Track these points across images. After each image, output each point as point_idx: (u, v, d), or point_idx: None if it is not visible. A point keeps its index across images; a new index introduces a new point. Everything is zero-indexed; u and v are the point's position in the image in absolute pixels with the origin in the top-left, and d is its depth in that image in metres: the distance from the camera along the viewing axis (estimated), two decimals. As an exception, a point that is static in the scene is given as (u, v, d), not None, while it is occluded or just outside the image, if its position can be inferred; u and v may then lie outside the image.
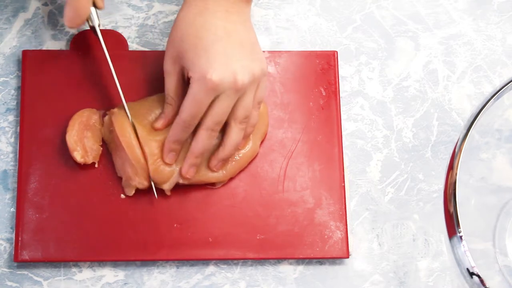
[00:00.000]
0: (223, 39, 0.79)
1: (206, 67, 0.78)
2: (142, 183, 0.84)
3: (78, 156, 0.84)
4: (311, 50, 0.92)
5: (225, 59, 0.78)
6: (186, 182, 0.85)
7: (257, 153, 0.87)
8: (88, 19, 0.85)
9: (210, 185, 0.86)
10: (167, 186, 0.85)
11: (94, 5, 0.85)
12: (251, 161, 0.87)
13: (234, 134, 0.83)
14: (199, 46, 0.79)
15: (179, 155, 0.84)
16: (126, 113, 0.84)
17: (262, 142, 0.88)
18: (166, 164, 0.84)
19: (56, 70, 0.89)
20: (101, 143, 0.86)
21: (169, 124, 0.84)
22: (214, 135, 0.82)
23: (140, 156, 0.83)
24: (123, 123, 0.83)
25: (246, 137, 0.85)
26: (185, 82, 0.83)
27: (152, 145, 0.83)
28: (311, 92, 0.90)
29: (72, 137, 0.85)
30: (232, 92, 0.79)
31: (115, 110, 0.85)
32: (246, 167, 0.87)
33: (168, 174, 0.84)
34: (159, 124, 0.84)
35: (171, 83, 0.83)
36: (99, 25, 0.85)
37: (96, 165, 0.86)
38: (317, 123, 0.89)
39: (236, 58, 0.79)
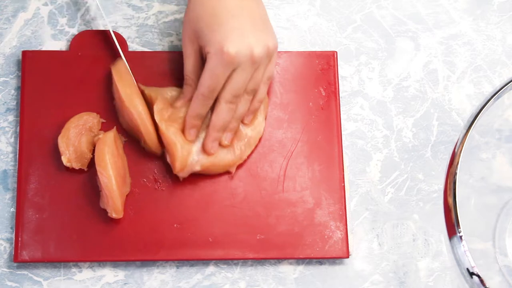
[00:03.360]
0: (238, 15, 0.81)
1: (223, 40, 0.80)
2: (111, 213, 0.83)
3: (64, 160, 0.84)
4: (310, 51, 0.92)
5: (240, 33, 0.81)
6: (201, 170, 0.85)
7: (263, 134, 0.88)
8: None
9: (226, 172, 0.86)
10: (183, 174, 0.85)
11: None
12: (251, 154, 0.88)
13: (241, 105, 0.84)
14: (214, 23, 0.81)
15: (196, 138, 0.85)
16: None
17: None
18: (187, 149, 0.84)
19: (55, 70, 0.89)
20: (93, 151, 0.86)
21: (188, 102, 0.85)
22: (233, 108, 0.84)
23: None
24: (104, 152, 0.83)
25: (253, 112, 0.87)
26: (203, 62, 0.84)
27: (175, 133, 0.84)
28: (310, 93, 0.90)
29: (63, 140, 0.85)
30: (248, 64, 0.81)
31: (101, 136, 0.85)
32: (245, 161, 0.87)
33: (184, 162, 0.84)
34: (179, 103, 0.86)
35: (189, 64, 0.85)
36: None
37: (86, 169, 0.86)
38: (317, 123, 0.89)
39: (251, 32, 0.82)
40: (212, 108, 0.85)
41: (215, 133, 0.84)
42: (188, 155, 0.84)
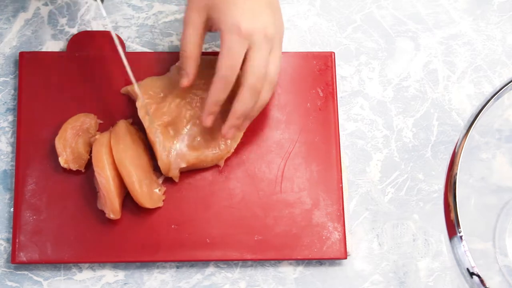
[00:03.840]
0: None
1: (238, 17, 0.79)
2: (109, 214, 0.83)
3: (61, 161, 0.84)
4: (308, 51, 0.92)
5: (254, 13, 0.80)
6: (188, 167, 0.85)
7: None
8: None
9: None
10: (172, 173, 0.85)
11: None
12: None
13: (264, 92, 0.83)
14: (229, 1, 0.79)
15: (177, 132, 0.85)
16: (110, 138, 0.84)
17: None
18: (166, 151, 0.84)
19: (53, 71, 0.89)
20: (90, 152, 0.85)
21: (193, 81, 0.83)
22: (257, 94, 0.81)
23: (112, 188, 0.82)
24: (101, 153, 0.83)
25: (267, 100, 0.85)
26: (204, 33, 0.82)
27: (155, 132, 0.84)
28: (308, 93, 0.90)
29: (60, 141, 0.85)
30: (264, 42, 0.80)
31: (97, 136, 0.85)
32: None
33: (167, 161, 0.84)
34: (184, 82, 0.83)
35: (192, 33, 0.82)
36: None
37: (83, 170, 0.86)
38: (314, 124, 0.89)
39: (265, 13, 0.81)
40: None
41: (235, 120, 0.82)
42: (168, 154, 0.84)
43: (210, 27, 0.82)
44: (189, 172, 0.86)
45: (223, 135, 0.83)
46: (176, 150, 0.84)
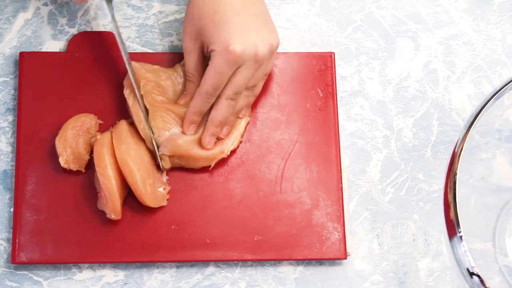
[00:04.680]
0: (241, 12, 0.81)
1: (228, 39, 0.80)
2: (110, 214, 0.83)
3: (62, 161, 0.84)
4: (308, 52, 0.92)
5: (245, 31, 0.81)
6: (174, 157, 0.85)
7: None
8: None
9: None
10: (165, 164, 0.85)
11: None
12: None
13: (240, 100, 0.85)
14: (218, 20, 0.81)
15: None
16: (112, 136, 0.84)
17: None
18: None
19: (53, 71, 0.89)
20: (91, 152, 0.85)
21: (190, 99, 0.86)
22: (233, 104, 0.84)
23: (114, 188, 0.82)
24: (102, 153, 0.83)
25: (249, 106, 0.88)
26: (204, 58, 0.85)
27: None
28: (308, 94, 0.90)
29: (61, 141, 0.84)
30: (253, 63, 0.82)
31: (98, 137, 0.85)
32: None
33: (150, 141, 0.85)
34: (182, 101, 0.86)
35: (191, 60, 0.85)
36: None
37: (83, 170, 0.86)
38: (314, 124, 0.89)
39: (255, 30, 0.82)
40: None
41: (213, 128, 0.85)
42: (158, 137, 0.84)
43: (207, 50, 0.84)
44: (188, 172, 0.86)
45: (204, 146, 0.85)
46: (170, 133, 0.84)
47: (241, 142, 0.88)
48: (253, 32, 0.81)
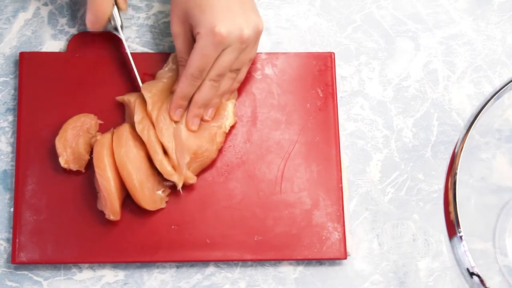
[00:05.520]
0: None
1: (214, 21, 0.80)
2: (109, 215, 0.83)
3: (62, 161, 0.84)
4: (308, 52, 0.92)
5: (230, 13, 0.81)
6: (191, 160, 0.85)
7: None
8: (111, 19, 0.87)
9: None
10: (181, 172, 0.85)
11: (117, 5, 0.88)
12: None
13: (224, 82, 0.85)
14: (204, 3, 0.81)
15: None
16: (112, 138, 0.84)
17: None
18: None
19: (53, 71, 0.89)
20: (91, 152, 0.85)
21: None
22: (217, 86, 0.84)
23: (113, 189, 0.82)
24: (102, 154, 0.83)
25: (233, 92, 0.88)
26: (194, 41, 0.84)
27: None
28: (308, 94, 0.90)
29: (61, 141, 0.84)
30: (238, 45, 0.82)
31: (98, 137, 0.85)
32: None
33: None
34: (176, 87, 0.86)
35: (181, 44, 0.85)
36: (121, 26, 0.88)
37: (83, 170, 0.85)
38: (314, 124, 0.89)
39: (240, 12, 0.82)
40: None
41: (196, 110, 0.85)
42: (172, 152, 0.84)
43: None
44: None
45: (188, 126, 0.85)
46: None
47: (236, 122, 0.88)
48: (238, 14, 0.82)
